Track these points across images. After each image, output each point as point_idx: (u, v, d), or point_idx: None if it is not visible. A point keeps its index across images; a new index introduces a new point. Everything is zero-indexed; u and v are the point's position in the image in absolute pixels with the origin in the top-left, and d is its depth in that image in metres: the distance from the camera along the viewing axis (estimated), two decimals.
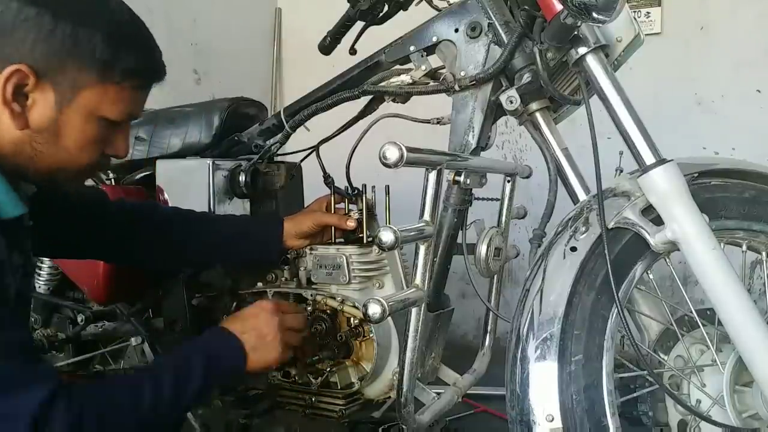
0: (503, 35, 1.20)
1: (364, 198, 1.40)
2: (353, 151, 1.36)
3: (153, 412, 0.97)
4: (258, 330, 1.14)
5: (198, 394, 1.03)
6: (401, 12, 1.43)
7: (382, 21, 1.43)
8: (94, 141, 0.99)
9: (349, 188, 1.42)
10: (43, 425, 0.85)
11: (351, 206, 1.43)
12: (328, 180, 1.43)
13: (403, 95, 1.32)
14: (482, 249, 1.21)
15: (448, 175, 1.19)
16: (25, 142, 0.94)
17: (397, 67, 1.36)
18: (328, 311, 1.39)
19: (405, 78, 1.31)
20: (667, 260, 1.06)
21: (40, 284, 1.71)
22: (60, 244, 1.25)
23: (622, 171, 1.20)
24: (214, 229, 1.39)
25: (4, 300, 0.89)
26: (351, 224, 1.38)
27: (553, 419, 0.92)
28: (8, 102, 0.91)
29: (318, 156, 1.47)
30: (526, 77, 1.17)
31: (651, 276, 1.08)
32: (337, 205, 1.43)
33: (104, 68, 0.95)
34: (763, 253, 1.12)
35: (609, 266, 0.96)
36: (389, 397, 1.40)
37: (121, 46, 0.96)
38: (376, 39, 1.40)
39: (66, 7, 0.92)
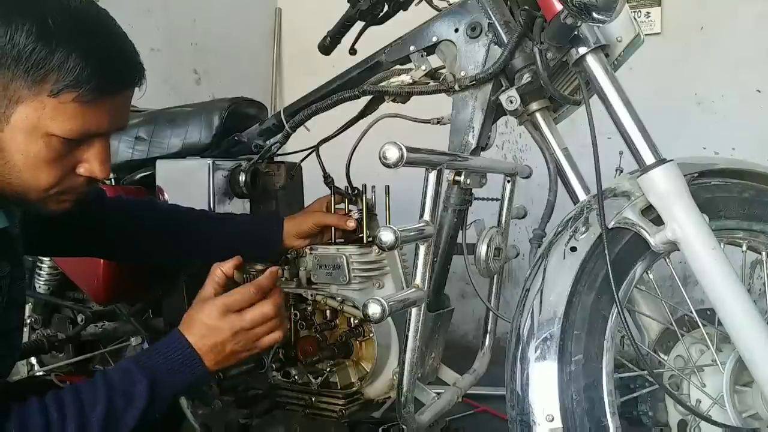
0: (503, 35, 1.20)
1: (364, 198, 1.40)
2: (353, 151, 1.36)
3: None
4: (215, 337, 1.01)
5: (147, 416, 0.94)
6: (401, 12, 1.43)
7: (382, 21, 1.43)
8: (47, 160, 0.88)
9: (349, 188, 1.42)
10: None
11: (351, 206, 1.43)
12: (328, 180, 1.43)
13: (403, 95, 1.32)
14: (482, 249, 1.21)
15: (448, 175, 1.19)
16: None
17: (397, 67, 1.36)
18: (328, 311, 1.39)
19: (405, 78, 1.31)
20: (667, 260, 1.06)
21: (40, 284, 1.71)
22: (58, 241, 1.24)
23: (622, 171, 1.20)
24: (213, 227, 1.39)
25: None
26: (351, 224, 1.38)
27: (553, 419, 0.92)
28: None
29: (318, 156, 1.47)
30: (526, 77, 1.17)
31: (651, 276, 1.08)
32: (337, 206, 1.43)
33: (35, 78, 0.83)
34: (763, 253, 1.12)
35: (609, 266, 0.96)
36: (389, 397, 1.40)
37: (52, 49, 0.82)
38: (376, 39, 1.40)
39: None
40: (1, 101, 0.84)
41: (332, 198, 1.42)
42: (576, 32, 1.09)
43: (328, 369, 1.37)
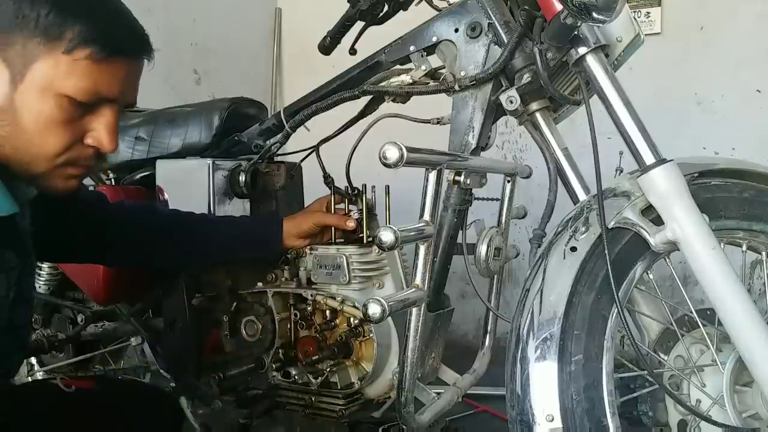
0: (503, 35, 1.20)
1: (364, 198, 1.40)
2: (353, 151, 1.37)
3: None
4: None
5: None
6: (401, 12, 1.43)
7: (382, 21, 1.43)
8: (58, 122, 0.91)
9: (349, 188, 1.42)
10: None
11: (351, 206, 1.43)
12: (327, 180, 1.43)
13: (403, 95, 1.32)
14: (482, 249, 1.21)
15: (448, 175, 1.19)
16: None
17: (397, 67, 1.36)
18: (328, 311, 1.39)
19: (405, 78, 1.31)
20: (667, 260, 1.06)
21: (40, 284, 1.71)
22: (59, 248, 1.24)
23: (622, 171, 1.20)
24: (213, 230, 1.39)
25: None
26: (351, 224, 1.38)
27: (553, 419, 0.92)
28: None
29: (318, 156, 1.47)
30: (526, 77, 1.17)
31: (651, 276, 1.08)
32: (337, 205, 1.43)
33: (50, 36, 0.87)
34: (763, 253, 1.12)
35: (609, 266, 0.96)
36: (389, 397, 1.40)
37: (68, 11, 0.88)
38: (376, 39, 1.40)
39: None
40: (17, 60, 0.88)
41: (332, 198, 1.42)
42: (576, 32, 1.09)
43: (328, 369, 1.37)
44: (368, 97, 1.41)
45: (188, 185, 1.49)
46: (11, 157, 0.91)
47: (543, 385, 0.94)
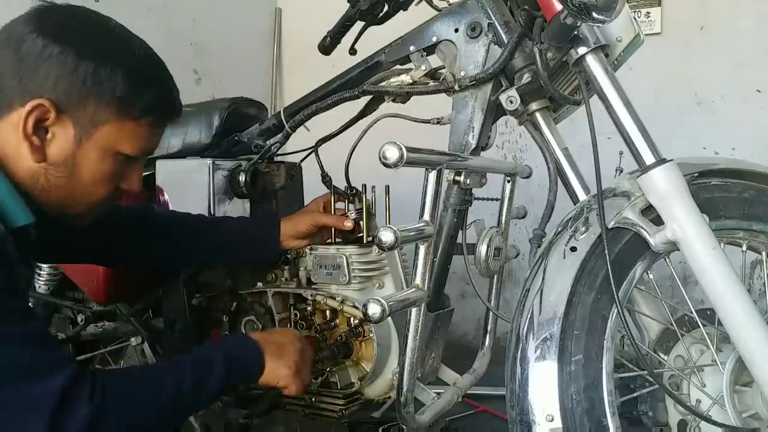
0: (503, 35, 1.20)
1: (363, 198, 1.40)
2: (352, 151, 1.36)
3: (173, 402, 0.99)
4: (279, 343, 1.18)
5: (217, 389, 1.05)
6: (401, 12, 1.43)
7: (382, 21, 1.43)
8: (110, 176, 1.01)
9: (348, 188, 1.42)
10: (66, 409, 0.86)
11: (350, 206, 1.43)
12: (326, 179, 1.43)
13: (403, 95, 1.32)
14: (482, 249, 1.21)
15: (448, 175, 1.19)
16: (40, 174, 0.96)
17: (397, 67, 1.36)
18: (328, 311, 1.39)
19: (405, 78, 1.31)
20: (667, 260, 1.06)
21: (40, 284, 1.71)
22: (61, 250, 1.25)
23: (622, 171, 1.20)
24: (211, 231, 1.39)
25: (17, 292, 0.90)
26: (348, 224, 1.38)
27: (553, 419, 0.92)
28: (29, 135, 0.93)
29: (317, 156, 1.47)
30: (526, 77, 1.17)
31: (651, 276, 1.08)
32: (336, 205, 1.43)
33: (123, 105, 0.97)
34: (763, 253, 1.12)
35: (609, 266, 0.96)
36: (389, 397, 1.40)
37: (140, 84, 0.99)
38: (376, 39, 1.40)
39: (89, 46, 0.95)
40: (86, 121, 0.96)
41: (332, 198, 1.42)
42: (576, 32, 1.09)
43: (328, 369, 1.37)
44: (368, 97, 1.41)
45: (188, 185, 1.49)
46: (53, 201, 0.99)
47: (543, 385, 0.94)
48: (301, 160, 1.58)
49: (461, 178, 1.20)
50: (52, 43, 0.93)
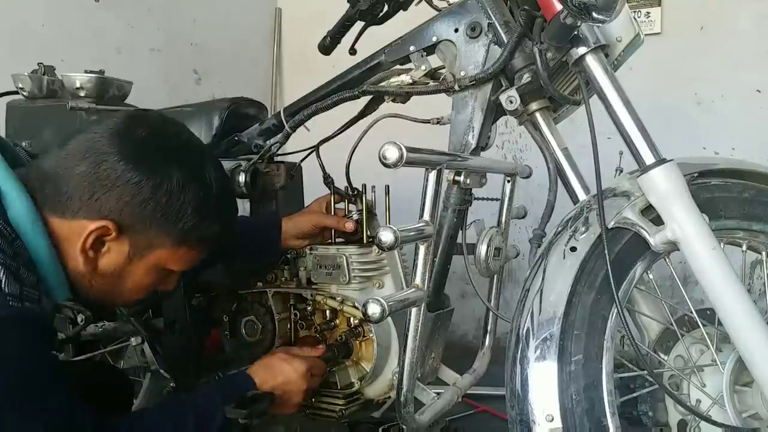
0: (503, 35, 1.20)
1: (363, 198, 1.40)
2: (353, 152, 1.36)
3: None
4: (284, 384, 1.20)
5: None
6: (401, 12, 1.43)
7: (382, 21, 1.43)
8: (151, 285, 1.06)
9: (349, 189, 1.42)
10: None
11: (350, 206, 1.43)
12: (328, 180, 1.43)
13: (403, 95, 1.32)
14: (482, 249, 1.21)
15: (448, 175, 1.19)
16: (86, 277, 0.99)
17: (397, 67, 1.36)
18: (328, 311, 1.39)
19: (405, 78, 1.31)
20: (667, 260, 1.06)
21: None
22: None
23: (622, 171, 1.20)
24: None
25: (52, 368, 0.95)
26: (350, 226, 1.38)
27: (552, 419, 0.92)
28: (85, 250, 0.96)
29: (318, 156, 1.47)
30: (526, 77, 1.17)
31: (651, 276, 1.08)
32: (336, 205, 1.43)
33: (184, 236, 1.01)
34: (763, 253, 1.12)
35: (609, 266, 0.96)
36: (389, 397, 1.40)
37: (206, 219, 1.02)
38: (376, 39, 1.40)
39: (167, 179, 0.98)
40: (145, 244, 1.00)
41: (332, 198, 1.42)
42: (576, 32, 1.09)
43: (328, 369, 1.37)
44: (368, 97, 1.41)
45: None
46: (92, 297, 1.03)
47: (543, 385, 0.94)
48: (301, 160, 1.58)
49: (461, 178, 1.20)
50: (132, 170, 0.96)
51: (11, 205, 0.92)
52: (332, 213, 1.42)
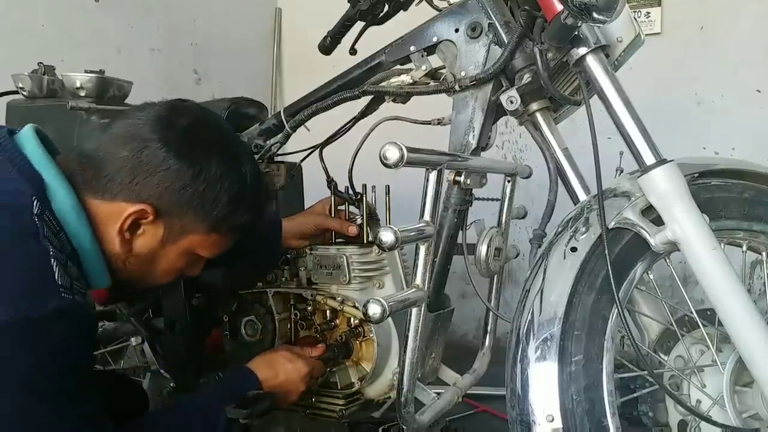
0: (503, 35, 1.20)
1: (365, 201, 1.40)
2: (355, 156, 1.37)
3: None
4: (284, 383, 1.22)
5: None
6: (401, 12, 1.43)
7: (382, 21, 1.43)
8: (180, 269, 1.09)
9: (351, 191, 1.42)
10: None
11: (353, 209, 1.43)
12: (331, 183, 1.43)
13: (403, 95, 1.32)
14: (482, 249, 1.21)
15: (448, 175, 1.19)
16: (120, 258, 1.02)
17: (398, 67, 1.36)
18: (328, 311, 1.39)
19: (405, 78, 1.31)
20: (667, 260, 1.06)
21: None
22: None
23: (622, 171, 1.20)
24: None
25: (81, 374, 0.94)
26: (353, 230, 1.39)
27: (553, 419, 0.92)
28: (122, 231, 0.99)
29: (321, 159, 1.47)
30: (527, 77, 1.17)
31: (651, 276, 1.08)
32: (338, 207, 1.43)
33: (217, 223, 1.04)
34: (763, 253, 1.12)
35: (609, 266, 0.96)
36: (389, 397, 1.40)
37: (239, 208, 1.05)
38: (376, 39, 1.40)
39: (205, 169, 1.00)
40: (179, 229, 1.02)
41: (332, 201, 1.42)
42: (576, 32, 1.09)
43: (328, 369, 1.37)
44: (369, 97, 1.41)
45: None
46: (123, 278, 1.04)
47: (543, 385, 0.94)
48: (301, 160, 1.58)
49: (461, 179, 1.20)
50: (173, 157, 0.98)
51: (55, 196, 0.94)
52: (335, 215, 1.42)
